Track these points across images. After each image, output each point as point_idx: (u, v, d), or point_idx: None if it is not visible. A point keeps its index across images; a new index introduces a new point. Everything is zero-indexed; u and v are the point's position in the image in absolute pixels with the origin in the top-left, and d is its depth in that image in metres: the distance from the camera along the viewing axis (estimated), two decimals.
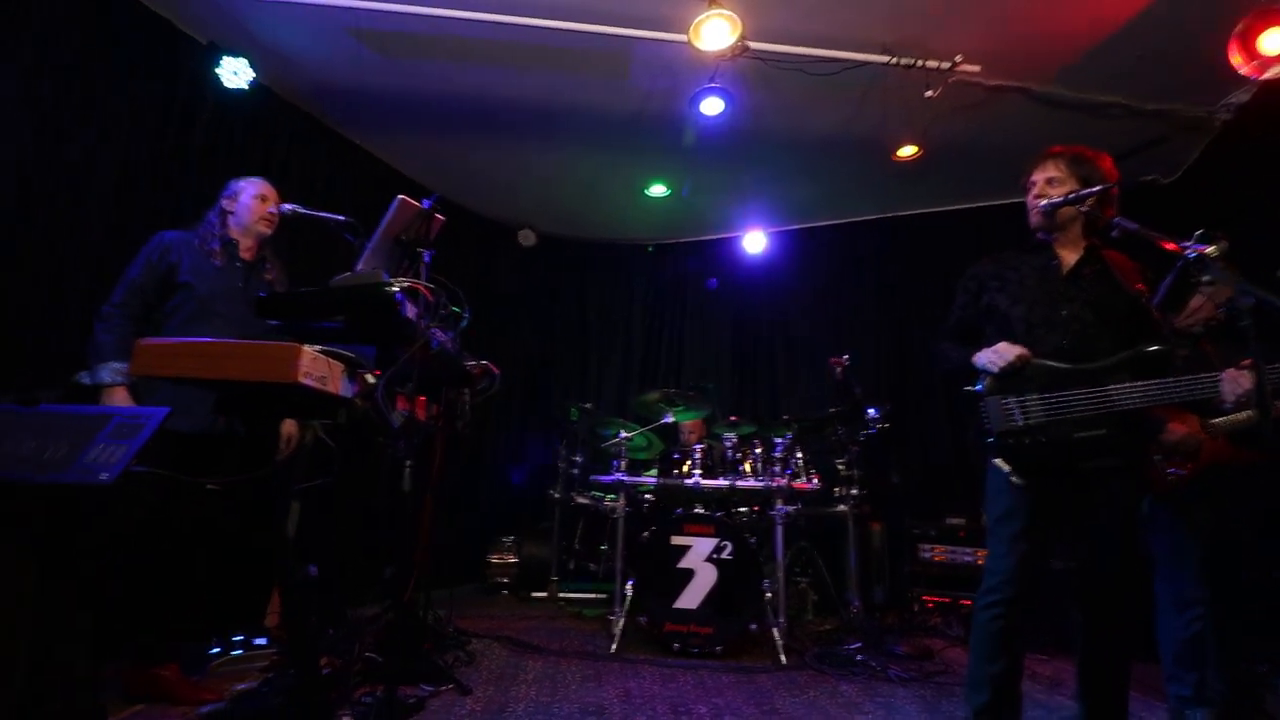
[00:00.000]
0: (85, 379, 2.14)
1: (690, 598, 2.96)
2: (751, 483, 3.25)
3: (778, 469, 3.23)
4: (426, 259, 1.79)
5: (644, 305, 5.43)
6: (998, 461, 1.78)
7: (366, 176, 4.07)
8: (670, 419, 3.58)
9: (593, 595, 4.02)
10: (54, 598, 1.28)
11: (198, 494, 2.02)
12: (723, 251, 5.25)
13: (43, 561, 1.30)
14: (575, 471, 4.12)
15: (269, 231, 2.46)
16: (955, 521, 3.86)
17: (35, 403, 1.41)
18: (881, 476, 3.94)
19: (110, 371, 2.13)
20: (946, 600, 3.68)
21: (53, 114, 2.61)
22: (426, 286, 1.73)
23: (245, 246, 2.44)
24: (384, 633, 2.50)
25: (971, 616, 1.80)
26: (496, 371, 2.32)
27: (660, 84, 3.42)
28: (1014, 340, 1.82)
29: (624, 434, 3.39)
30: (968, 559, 3.73)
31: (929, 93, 3.22)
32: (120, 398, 2.11)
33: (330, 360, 1.55)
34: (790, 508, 3.20)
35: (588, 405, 4.18)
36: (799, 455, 3.35)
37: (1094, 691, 1.71)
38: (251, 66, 3.15)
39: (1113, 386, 1.71)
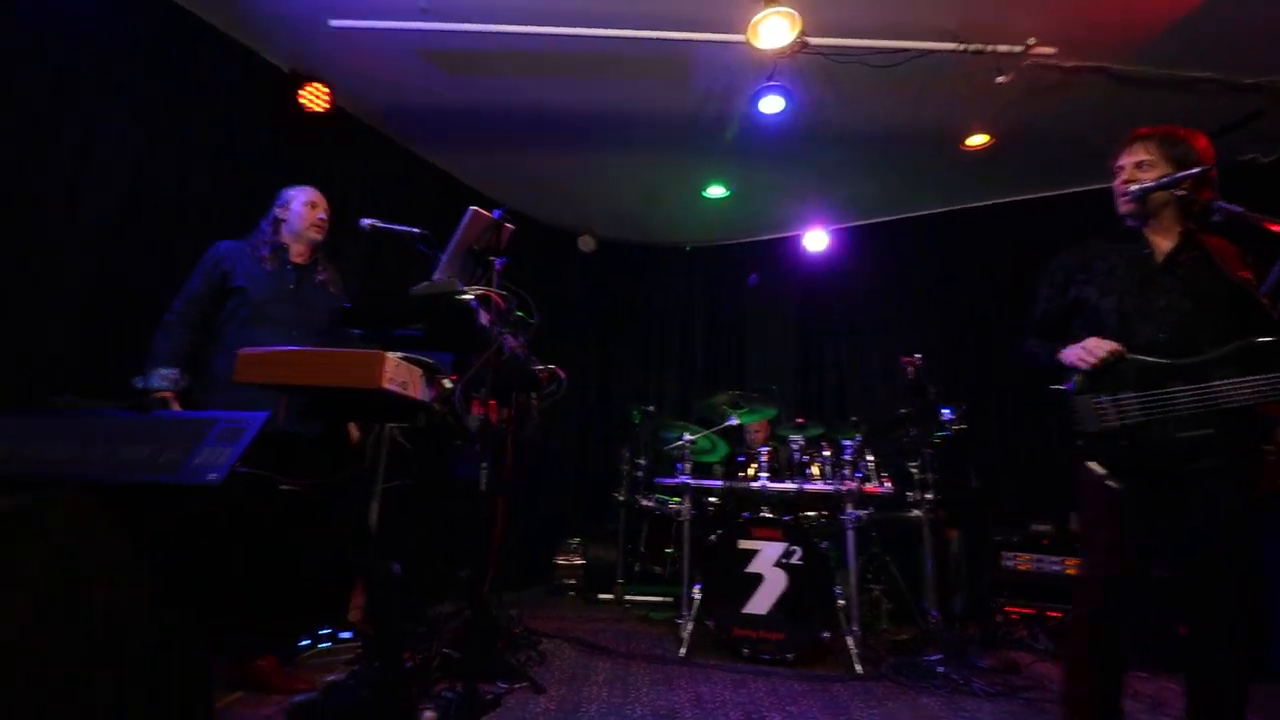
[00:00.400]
0: (139, 382, 2.28)
1: (759, 603, 2.93)
2: (820, 486, 3.18)
3: (847, 472, 3.15)
4: (498, 266, 1.84)
5: (705, 307, 5.42)
6: (1091, 464, 1.68)
7: (436, 190, 4.25)
8: (735, 421, 3.55)
9: (659, 598, 4.02)
10: (170, 590, 1.39)
11: (285, 493, 2.14)
12: (784, 250, 5.18)
13: (159, 556, 1.41)
14: (639, 474, 4.14)
15: (319, 237, 2.58)
16: (1040, 528, 3.66)
17: (149, 409, 1.54)
18: (958, 480, 3.78)
19: (159, 377, 2.26)
20: (1032, 611, 3.49)
21: (149, 147, 2.83)
22: (498, 293, 1.78)
23: (297, 251, 2.55)
24: (461, 630, 2.58)
25: (1064, 629, 1.71)
26: (563, 375, 2.36)
27: (719, 85, 3.41)
28: (1105, 334, 1.71)
29: (688, 437, 3.38)
30: (1055, 568, 3.53)
31: (1000, 78, 3.09)
32: (168, 400, 2.24)
33: (410, 366, 1.62)
34: (861, 512, 3.12)
35: (650, 408, 4.20)
36: (869, 458, 3.26)
37: (1204, 714, 1.59)
38: (329, 90, 3.34)
39: (1219, 382, 1.59)
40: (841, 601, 2.92)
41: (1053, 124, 3.61)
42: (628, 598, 4.09)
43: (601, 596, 4.20)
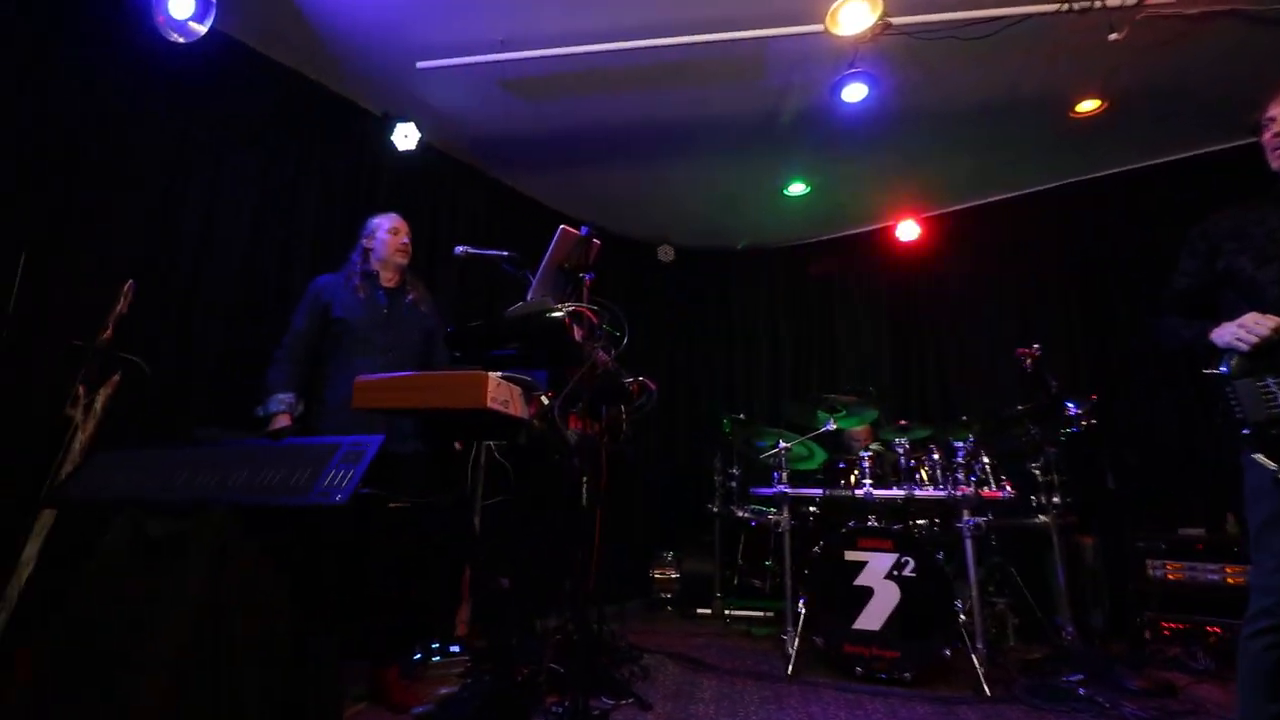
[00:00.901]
0: (259, 411, 2.49)
1: (871, 618, 2.80)
2: (931, 492, 3.01)
3: (961, 476, 2.97)
4: (587, 281, 1.88)
5: (791, 308, 5.31)
6: (1258, 457, 1.49)
7: (519, 214, 4.42)
8: (832, 426, 3.43)
9: (759, 613, 3.93)
10: (304, 604, 1.49)
11: (397, 510, 2.25)
12: (873, 244, 4.99)
13: (294, 572, 1.52)
14: (733, 485, 4.08)
15: (404, 260, 2.72)
16: (1191, 532, 3.30)
17: (282, 437, 1.67)
18: (1090, 481, 3.47)
19: (276, 401, 2.45)
20: (1187, 626, 3.15)
21: (263, 199, 3.11)
22: (590, 309, 1.81)
23: (386, 277, 2.70)
24: (565, 645, 2.62)
25: (1230, 646, 1.52)
26: (653, 387, 2.37)
27: (796, 79, 3.35)
28: (1265, 308, 1.53)
29: (783, 444, 3.30)
30: (1212, 577, 3.17)
31: (1113, 35, 2.84)
32: (282, 422, 2.42)
33: (510, 385, 1.67)
34: (980, 519, 2.92)
35: (741, 416, 4.13)
36: (984, 460, 3.06)
37: None
38: (418, 129, 3.54)
39: None
40: (962, 616, 2.75)
41: (1173, 80, 3.29)
42: (728, 612, 4.02)
43: (700, 611, 4.15)
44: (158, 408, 2.52)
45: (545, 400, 1.76)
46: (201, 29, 2.56)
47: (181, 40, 2.54)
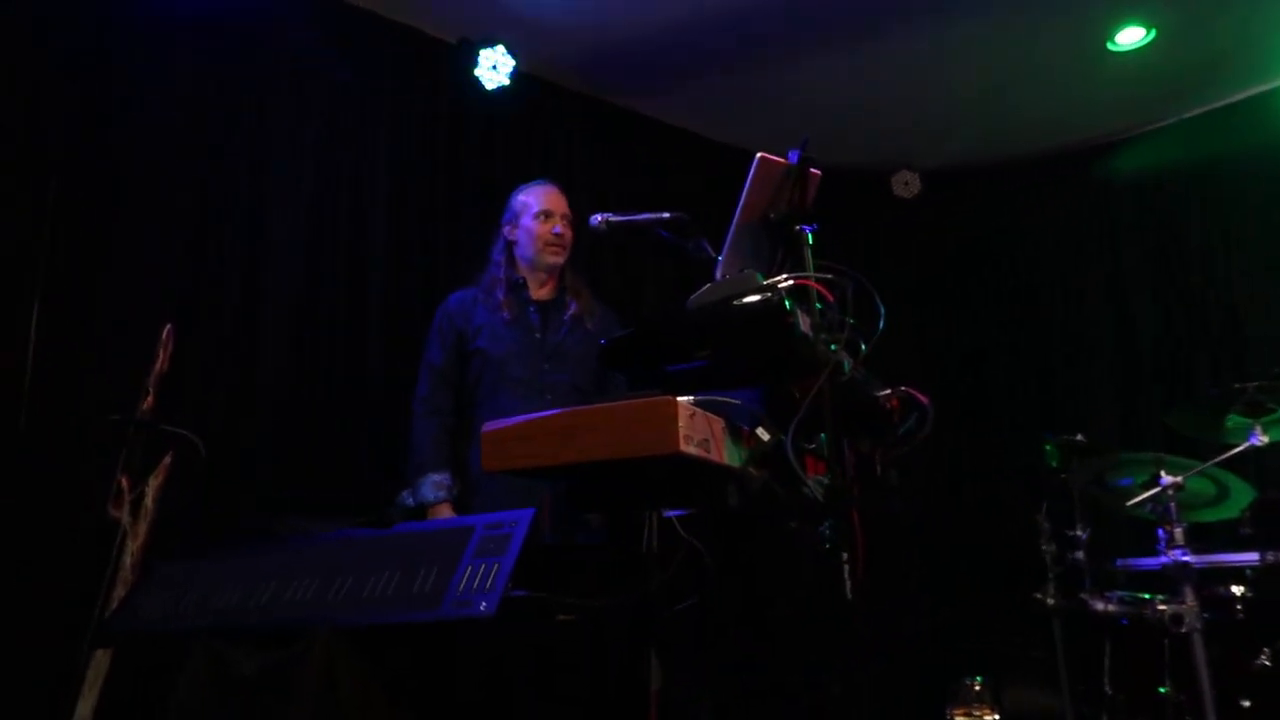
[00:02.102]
0: (409, 500, 2.69)
1: None
2: None
3: None
4: (810, 239, 1.85)
5: (1137, 246, 4.97)
6: None
7: (672, 156, 4.56)
8: (1261, 439, 3.08)
9: None
10: None
11: (560, 624, 2.34)
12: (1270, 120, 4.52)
13: (420, 705, 1.62)
14: (1078, 555, 3.79)
15: (558, 260, 2.85)
16: None
17: (389, 523, 1.81)
18: None
19: (431, 486, 2.67)
20: None
21: (317, 189, 3.45)
22: (822, 281, 1.78)
23: (537, 285, 2.86)
24: None
25: None
26: (924, 401, 2.27)
27: None
28: None
29: (1167, 478, 3.02)
30: None
31: None
32: (444, 514, 2.59)
33: (709, 416, 1.67)
34: None
35: (1077, 437, 3.84)
36: None
37: None
38: (509, 53, 3.73)
39: None
40: None
41: None
42: None
43: None
44: (217, 491, 2.84)
45: (764, 435, 1.74)
46: None
47: None
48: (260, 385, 3.14)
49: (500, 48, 3.72)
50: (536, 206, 2.87)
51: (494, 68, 3.74)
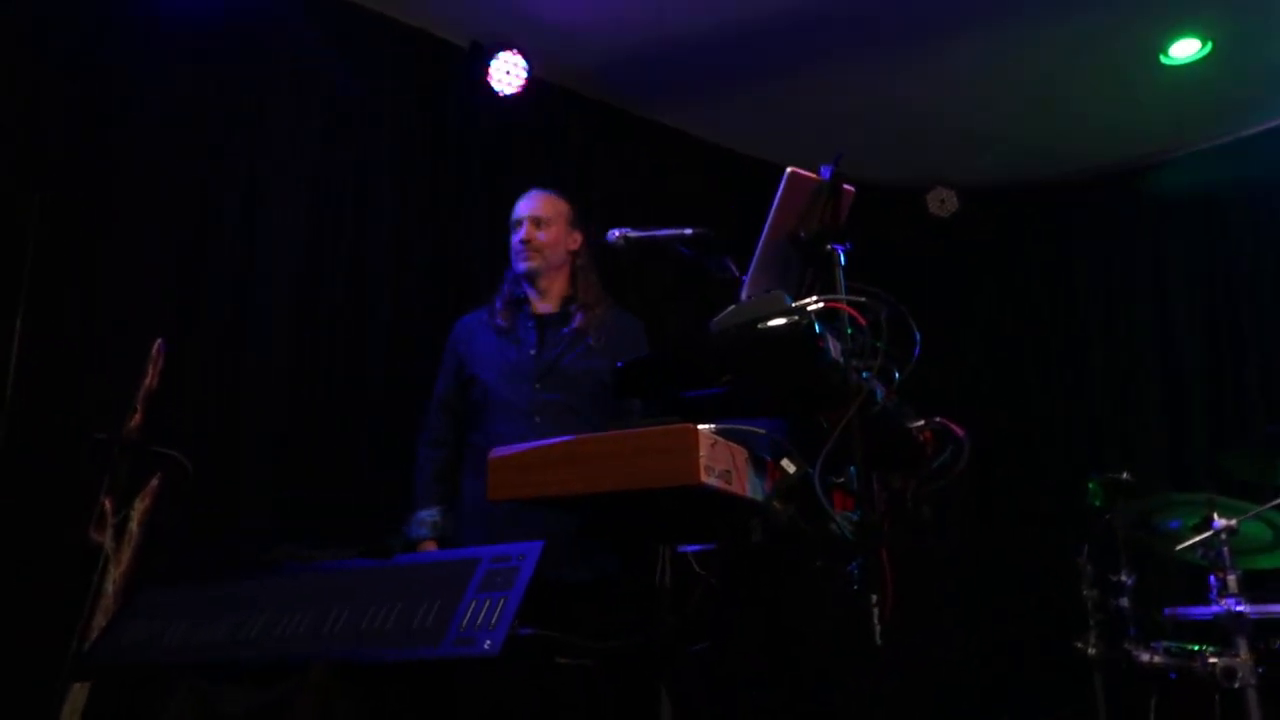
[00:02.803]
0: (410, 532, 2.73)
1: None
2: None
3: None
4: (842, 259, 1.85)
5: (1192, 273, 4.96)
6: None
7: (692, 170, 4.61)
8: None
9: None
10: None
11: (564, 669, 2.34)
12: None
13: None
14: (1122, 602, 3.76)
15: (530, 266, 2.85)
16: None
17: (389, 553, 1.81)
18: None
19: (416, 524, 2.71)
20: None
21: (315, 199, 3.49)
22: (854, 305, 1.78)
23: (539, 296, 2.87)
24: None
25: None
26: (960, 434, 2.27)
27: None
28: None
29: (1220, 521, 3.00)
30: None
31: None
32: (429, 549, 2.64)
33: (731, 445, 1.67)
34: None
35: (1123, 476, 3.82)
36: None
37: None
38: (524, 57, 3.77)
39: None
40: None
41: None
42: None
43: None
44: (207, 515, 2.86)
45: (789, 467, 1.74)
46: None
47: None
48: (255, 403, 3.17)
49: (515, 52, 3.76)
50: (516, 212, 2.91)
51: (508, 72, 3.78)
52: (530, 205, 2.92)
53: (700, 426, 1.59)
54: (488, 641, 1.43)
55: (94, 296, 2.93)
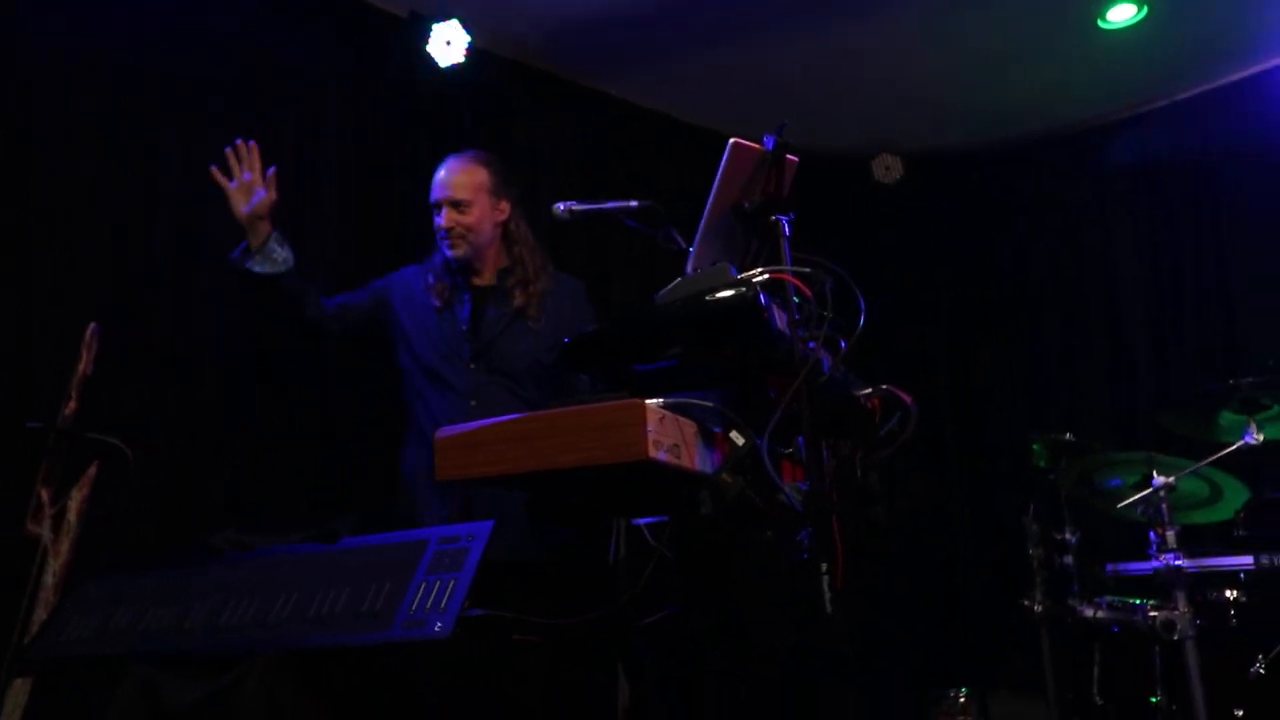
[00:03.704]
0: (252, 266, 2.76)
1: None
2: None
3: None
4: (787, 229, 1.85)
5: (1133, 237, 5.03)
6: None
7: (642, 140, 4.58)
8: (1256, 438, 3.13)
9: None
10: None
11: (518, 646, 2.33)
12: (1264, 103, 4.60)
13: None
14: (1066, 560, 3.84)
15: (459, 253, 2.78)
16: None
17: (335, 537, 1.79)
18: None
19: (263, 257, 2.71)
20: None
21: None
22: (797, 274, 1.78)
23: (472, 273, 2.81)
24: None
25: None
26: (909, 401, 2.29)
27: None
28: None
29: (1160, 478, 3.07)
30: None
31: None
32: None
33: (679, 419, 1.67)
34: None
35: (1066, 436, 3.89)
36: None
37: None
38: (465, 28, 3.70)
39: None
40: None
41: None
42: None
43: None
44: (148, 503, 2.80)
45: (738, 439, 1.74)
46: None
47: None
48: (197, 386, 3.10)
49: (453, 23, 3.69)
50: (430, 195, 2.81)
51: (448, 43, 3.70)
52: (447, 185, 2.79)
53: (648, 401, 1.59)
54: (438, 624, 1.43)
55: (26, 280, 2.85)
